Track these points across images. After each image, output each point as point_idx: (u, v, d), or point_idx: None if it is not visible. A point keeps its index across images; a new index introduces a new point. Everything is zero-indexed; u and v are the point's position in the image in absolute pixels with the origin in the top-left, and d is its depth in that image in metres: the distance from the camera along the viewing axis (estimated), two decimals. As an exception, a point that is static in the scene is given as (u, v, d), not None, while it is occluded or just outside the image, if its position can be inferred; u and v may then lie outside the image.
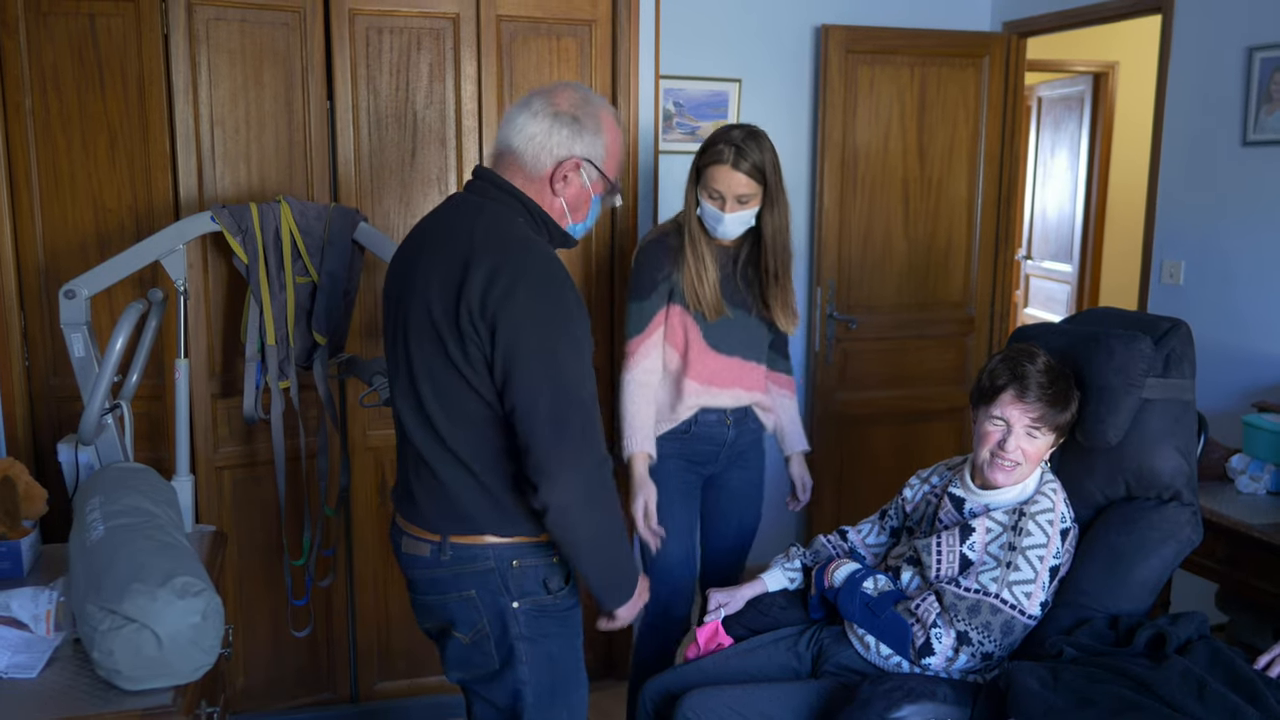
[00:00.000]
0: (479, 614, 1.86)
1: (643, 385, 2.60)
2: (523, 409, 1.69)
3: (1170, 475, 2.12)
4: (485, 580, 1.84)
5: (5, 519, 2.13)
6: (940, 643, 2.01)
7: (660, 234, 2.64)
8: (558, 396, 1.69)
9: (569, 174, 1.84)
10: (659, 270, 2.58)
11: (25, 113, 2.69)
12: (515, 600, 1.84)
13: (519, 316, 1.68)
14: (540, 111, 1.83)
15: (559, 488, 1.69)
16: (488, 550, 1.83)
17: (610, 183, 1.90)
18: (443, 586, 1.87)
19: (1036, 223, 6.95)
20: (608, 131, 1.87)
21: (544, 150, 1.82)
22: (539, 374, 1.69)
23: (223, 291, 2.84)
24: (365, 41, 2.87)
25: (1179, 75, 3.60)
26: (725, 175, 2.45)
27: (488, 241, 1.74)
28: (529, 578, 1.85)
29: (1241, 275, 3.41)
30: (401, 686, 3.19)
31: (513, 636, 1.86)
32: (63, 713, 1.62)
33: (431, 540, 1.86)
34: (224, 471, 2.88)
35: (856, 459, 4.29)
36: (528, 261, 1.73)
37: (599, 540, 1.79)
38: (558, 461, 1.69)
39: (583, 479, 1.71)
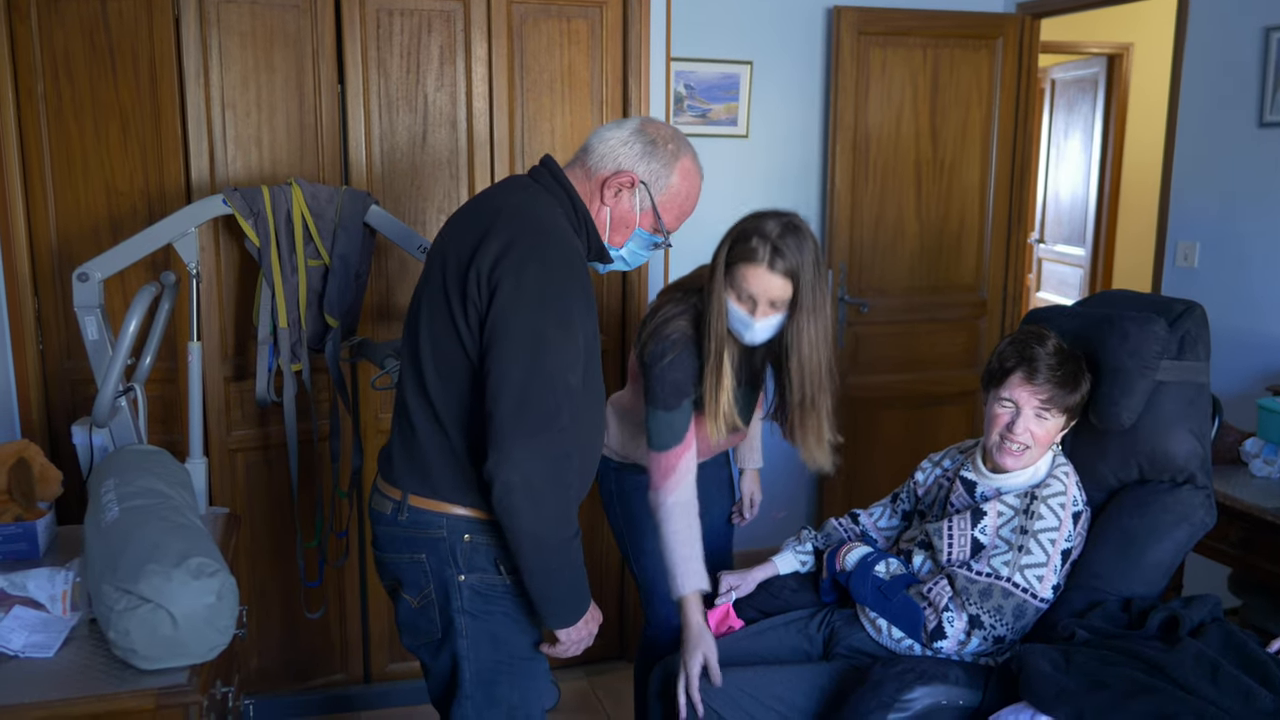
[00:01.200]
0: (426, 579, 1.84)
1: (686, 507, 2.22)
2: (495, 376, 1.67)
3: (1184, 458, 2.11)
4: (435, 547, 1.82)
5: (21, 500, 2.14)
6: (952, 626, 2.01)
7: (684, 337, 2.21)
8: (532, 373, 1.67)
9: (622, 188, 1.83)
10: (685, 388, 2.21)
11: (38, 97, 2.69)
12: (462, 573, 1.82)
13: (520, 289, 1.67)
14: (628, 124, 1.86)
15: (507, 463, 1.65)
16: (442, 519, 1.82)
17: (659, 224, 1.87)
18: (397, 546, 1.86)
19: (1049, 206, 6.91)
20: (680, 175, 1.85)
21: (610, 154, 1.83)
22: (520, 346, 1.67)
23: (235, 274, 2.85)
24: (376, 24, 2.86)
25: (1195, 56, 3.56)
26: (759, 277, 2.08)
27: (515, 217, 1.74)
28: (480, 554, 1.82)
29: (1257, 258, 3.39)
30: (414, 667, 3.21)
31: (454, 609, 1.83)
32: (79, 692, 1.63)
33: (393, 498, 1.86)
34: (237, 454, 2.89)
35: (868, 442, 4.29)
36: (545, 243, 1.72)
37: (541, 538, 1.72)
38: (512, 435, 1.65)
39: (534, 461, 1.67)
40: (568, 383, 1.71)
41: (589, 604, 1.87)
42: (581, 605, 1.84)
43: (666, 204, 1.86)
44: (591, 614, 1.88)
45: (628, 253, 1.91)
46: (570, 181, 1.84)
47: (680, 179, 1.85)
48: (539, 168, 1.87)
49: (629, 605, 3.37)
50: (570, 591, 1.82)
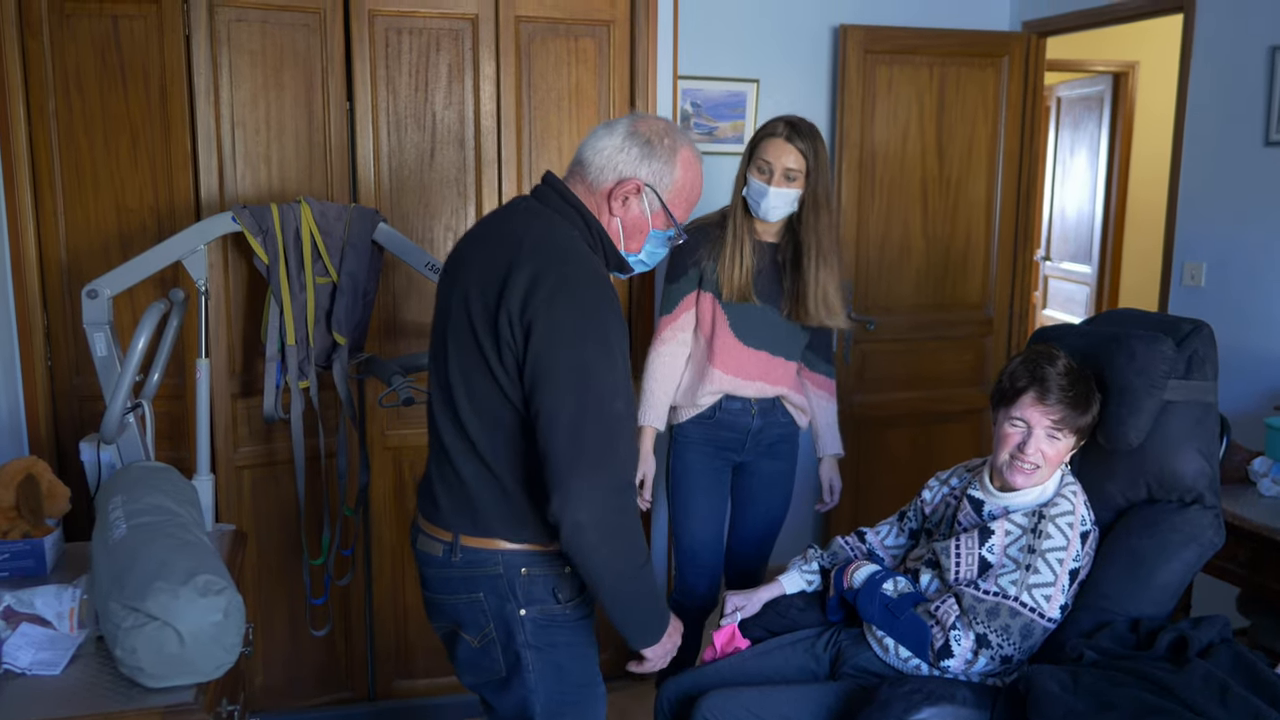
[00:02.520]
0: (486, 618, 1.82)
1: (665, 363, 2.69)
2: (545, 416, 1.65)
3: (1192, 478, 2.10)
4: (494, 585, 1.80)
5: (29, 517, 2.14)
6: (959, 645, 2.01)
7: (701, 222, 2.70)
8: (582, 408, 1.64)
9: (629, 196, 1.80)
10: (692, 254, 2.64)
11: (49, 114, 2.71)
12: (522, 607, 1.80)
13: (554, 325, 1.64)
14: (618, 128, 1.82)
15: (573, 501, 1.62)
16: (497, 555, 1.79)
17: (672, 220, 1.85)
18: (453, 587, 1.84)
19: (1055, 223, 6.91)
20: (682, 167, 1.82)
21: (609, 165, 1.79)
22: (566, 383, 1.64)
23: (243, 291, 2.86)
24: (385, 42, 2.88)
25: (1200, 75, 3.57)
26: (776, 147, 2.55)
27: (536, 248, 1.71)
28: (538, 585, 1.80)
29: (1264, 277, 3.39)
30: (420, 685, 3.20)
31: (519, 644, 1.81)
32: (86, 710, 1.63)
33: (444, 540, 1.83)
34: (244, 471, 2.90)
35: (874, 460, 4.28)
36: (570, 272, 1.69)
37: (619, 570, 1.71)
38: (573, 473, 1.63)
39: (599, 496, 1.64)
40: (616, 411, 1.68)
41: (669, 620, 1.87)
42: (662, 624, 1.85)
43: (674, 199, 1.84)
44: (673, 626, 1.88)
45: (646, 254, 1.90)
46: (577, 198, 1.82)
47: (683, 171, 1.83)
48: (543, 187, 1.85)
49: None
50: (650, 614, 1.82)
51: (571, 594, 1.83)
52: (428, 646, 3.19)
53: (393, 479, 3.07)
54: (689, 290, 2.67)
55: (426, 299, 3.04)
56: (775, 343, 2.67)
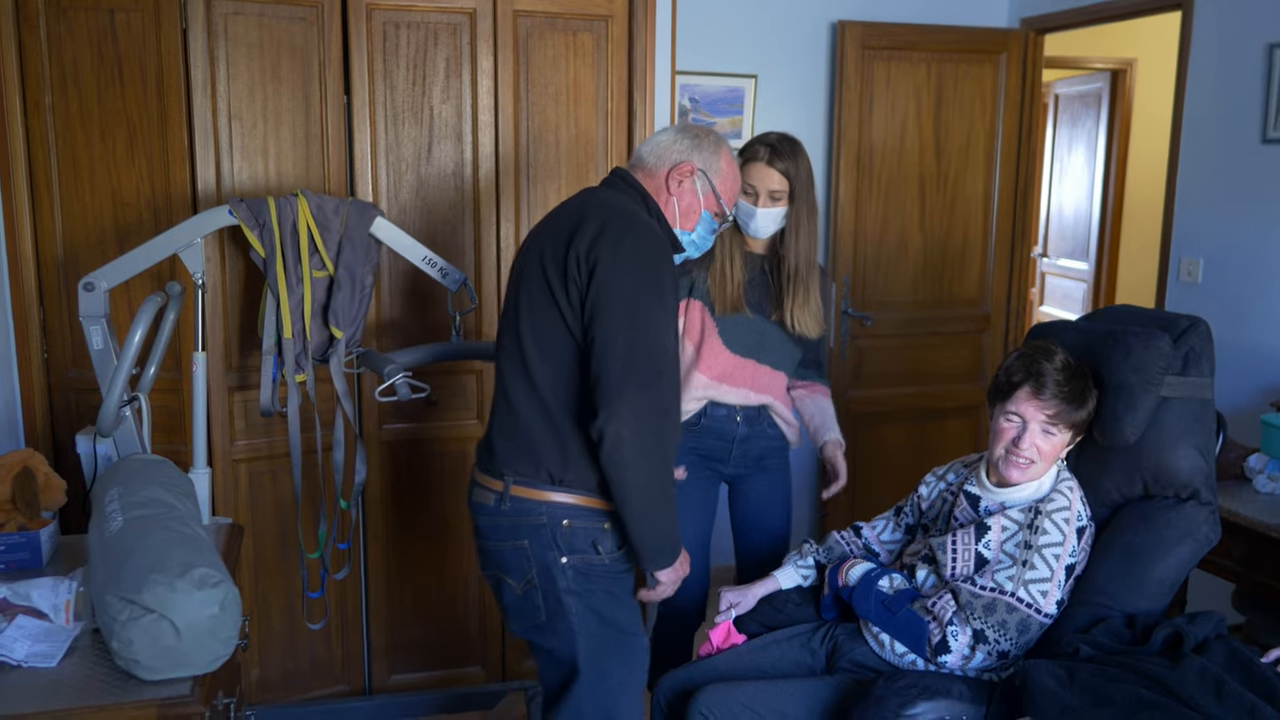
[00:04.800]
0: (529, 564, 1.97)
1: None
2: (600, 343, 1.83)
3: (1188, 474, 2.11)
4: (537, 533, 1.95)
5: (25, 510, 2.14)
6: (956, 640, 2.01)
7: None
8: (635, 336, 1.83)
9: (684, 178, 2.06)
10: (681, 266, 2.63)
11: (45, 108, 2.71)
12: (564, 555, 1.95)
13: (617, 265, 1.85)
14: (669, 130, 2.11)
15: (617, 418, 1.80)
16: (542, 506, 1.95)
17: (721, 205, 2.10)
18: (501, 534, 1.99)
19: (1053, 220, 6.91)
20: (724, 160, 2.10)
21: (665, 153, 2.07)
22: (622, 315, 1.83)
23: (240, 285, 2.85)
24: (382, 36, 2.87)
25: (1198, 72, 3.57)
26: (759, 171, 2.58)
27: (603, 208, 1.94)
28: (579, 537, 1.96)
29: (1261, 273, 3.39)
30: (416, 679, 3.21)
31: (560, 589, 1.96)
32: (82, 702, 1.63)
33: (495, 489, 1.99)
34: (240, 464, 2.89)
35: (871, 456, 4.28)
36: (635, 226, 1.91)
37: (647, 488, 1.88)
38: (620, 393, 1.80)
39: (641, 416, 1.82)
40: (664, 344, 1.88)
41: (680, 547, 2.03)
42: (677, 547, 2.01)
43: (722, 186, 2.09)
44: (683, 555, 2.04)
45: (697, 237, 2.12)
46: (642, 184, 2.06)
47: (726, 164, 2.10)
48: (611, 177, 2.09)
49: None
50: (670, 534, 1.97)
51: (611, 548, 1.99)
52: (424, 640, 3.19)
53: (389, 473, 3.07)
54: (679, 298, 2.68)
55: (423, 293, 3.03)
56: (763, 351, 2.67)
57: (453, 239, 3.03)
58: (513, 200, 3.04)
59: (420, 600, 3.17)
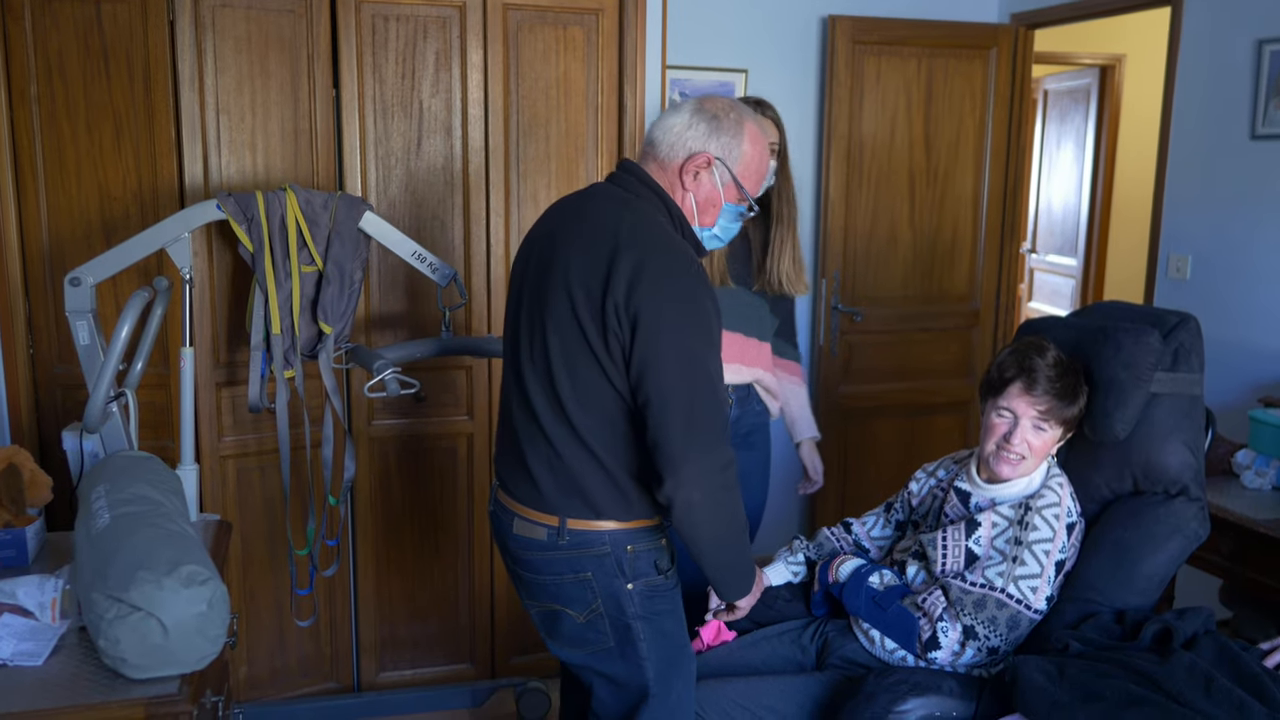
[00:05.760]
0: (594, 595, 1.89)
1: None
2: (657, 404, 1.72)
3: (1178, 470, 2.11)
4: (601, 564, 1.87)
5: (10, 506, 2.12)
6: (946, 637, 2.01)
7: None
8: (694, 395, 1.72)
9: (700, 170, 1.87)
10: None
11: (31, 99, 2.68)
12: (630, 582, 1.89)
13: (661, 313, 1.71)
14: (685, 107, 1.89)
15: (686, 484, 1.72)
16: (604, 535, 1.87)
17: (743, 193, 1.91)
18: (558, 568, 1.90)
19: (1041, 216, 6.93)
20: (748, 141, 1.88)
21: (679, 142, 1.86)
22: (676, 371, 1.72)
23: (228, 280, 2.84)
24: (371, 29, 2.86)
25: (1188, 68, 3.58)
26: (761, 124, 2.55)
27: (634, 239, 1.77)
28: (642, 560, 1.89)
29: (1249, 270, 3.40)
30: (404, 676, 3.20)
31: (629, 616, 1.90)
32: (68, 701, 1.61)
33: (549, 524, 1.88)
34: (228, 460, 2.88)
35: (861, 452, 4.29)
36: (671, 261, 1.76)
37: (722, 539, 1.83)
38: (686, 457, 1.71)
39: (709, 477, 1.74)
40: (719, 391, 1.77)
41: (756, 573, 2.05)
42: (753, 575, 2.01)
43: (744, 172, 1.90)
44: (759, 576, 2.08)
45: (720, 229, 1.95)
46: (654, 180, 1.88)
47: (750, 144, 1.89)
48: (623, 175, 1.91)
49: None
50: (745, 573, 1.97)
51: (668, 564, 1.95)
52: (412, 637, 3.19)
53: (378, 469, 3.06)
54: None
55: (412, 288, 3.02)
56: (748, 323, 2.69)
57: (442, 234, 3.02)
58: (502, 195, 3.03)
59: (409, 597, 3.16)
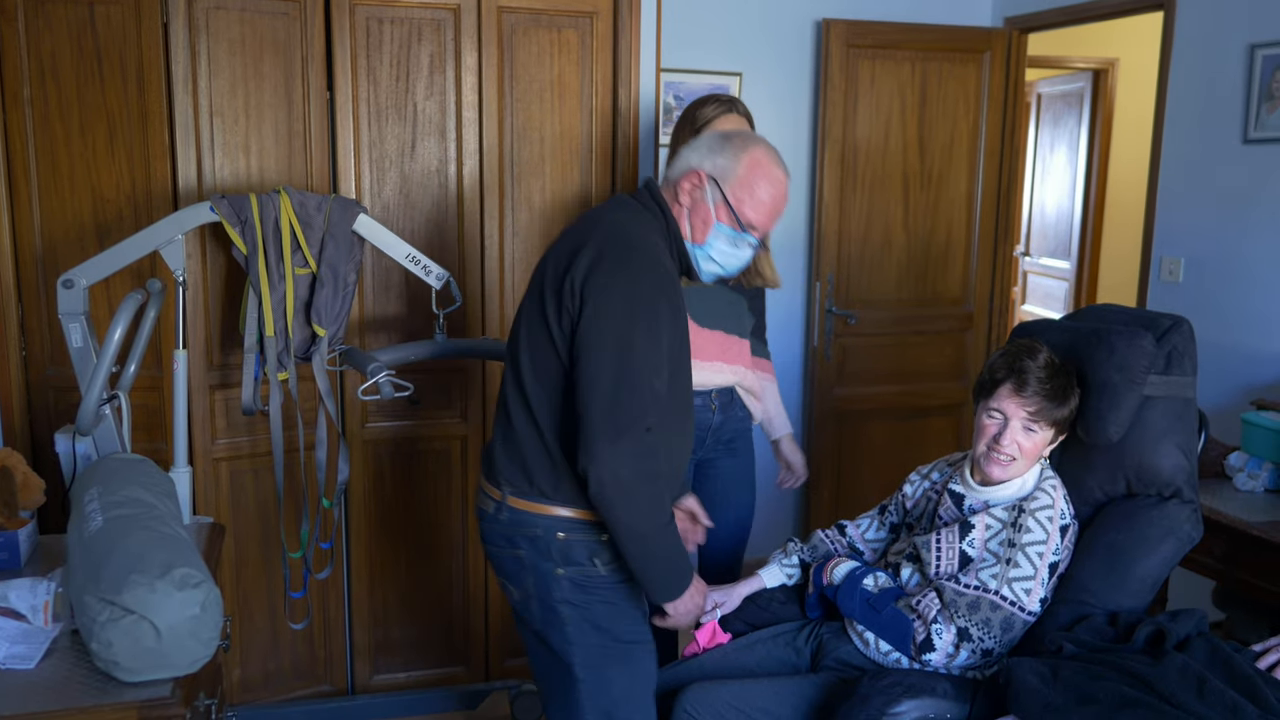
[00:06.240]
0: (526, 572, 1.96)
1: None
2: (585, 380, 1.79)
3: (1171, 472, 2.12)
4: (534, 544, 1.94)
5: (3, 509, 2.12)
6: (941, 639, 2.01)
7: None
8: (619, 379, 1.77)
9: (693, 187, 1.92)
10: None
11: (23, 102, 2.68)
12: (560, 567, 1.93)
13: (608, 299, 1.78)
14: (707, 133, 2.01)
15: (596, 461, 1.77)
16: (538, 519, 1.93)
17: (735, 217, 1.91)
18: (498, 541, 1.99)
19: (1035, 219, 6.95)
20: (748, 165, 1.90)
21: (682, 161, 1.95)
22: (608, 353, 1.78)
23: (221, 282, 2.83)
24: (366, 32, 2.86)
25: (1180, 72, 3.59)
26: (734, 121, 2.61)
27: (610, 233, 1.86)
28: (575, 549, 1.93)
29: (1241, 273, 3.41)
30: (398, 679, 3.19)
31: (556, 600, 1.94)
32: (61, 704, 1.61)
33: (494, 498, 1.98)
34: (222, 463, 2.87)
35: (855, 454, 4.29)
36: (632, 256, 1.83)
37: (634, 527, 1.84)
38: (600, 436, 1.77)
39: (622, 460, 1.77)
40: (653, 387, 1.81)
41: (690, 580, 1.98)
42: (683, 582, 1.96)
43: (740, 196, 1.90)
44: (695, 586, 2.00)
45: (716, 252, 1.96)
46: (663, 197, 1.95)
47: (748, 169, 1.90)
48: (640, 190, 1.99)
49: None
50: (670, 570, 1.94)
51: (609, 559, 1.95)
52: (406, 640, 3.18)
53: (372, 472, 3.06)
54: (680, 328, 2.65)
55: (407, 291, 3.02)
56: (728, 320, 2.69)
57: (436, 236, 3.02)
58: (496, 197, 3.03)
59: (403, 599, 3.16)
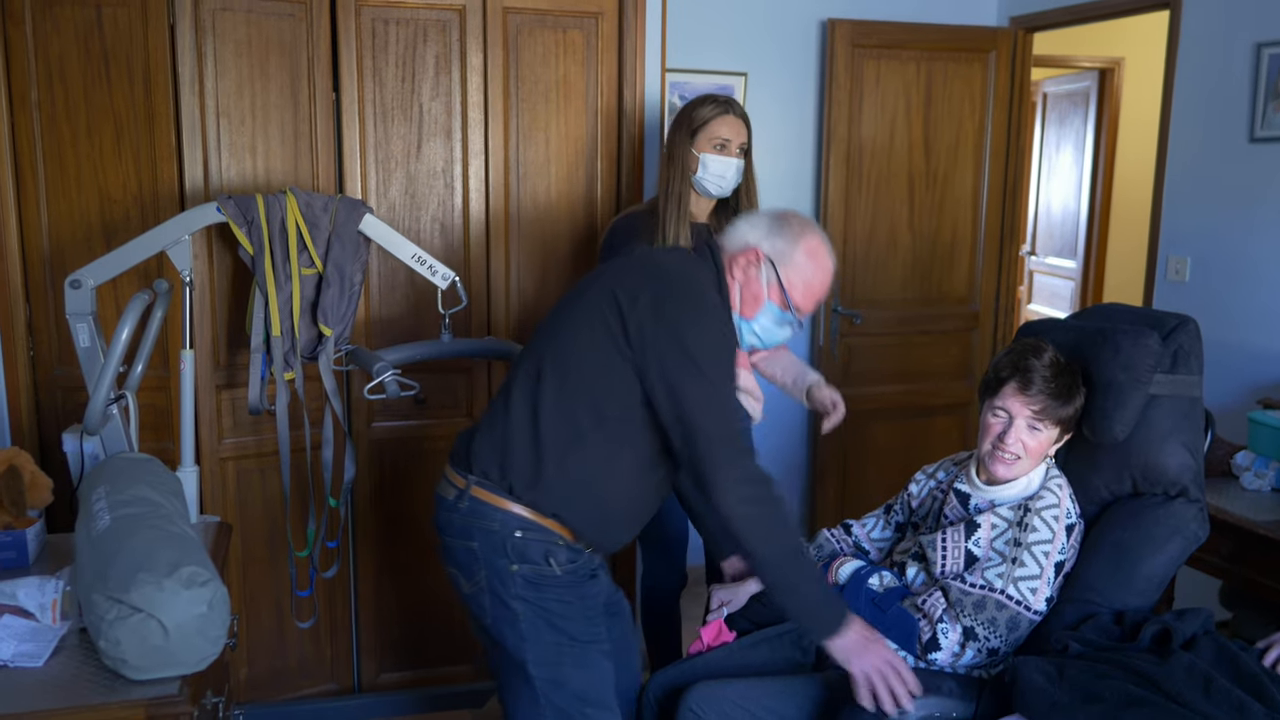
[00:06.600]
0: (479, 566, 1.94)
1: None
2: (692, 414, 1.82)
3: (1177, 471, 2.11)
4: (488, 538, 1.92)
5: (11, 508, 2.13)
6: (947, 638, 2.01)
7: (628, 213, 2.79)
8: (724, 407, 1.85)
9: (750, 264, 1.96)
10: (628, 242, 2.68)
11: (31, 104, 2.69)
12: (515, 564, 1.91)
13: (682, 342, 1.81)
14: (765, 211, 2.04)
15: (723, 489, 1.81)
16: (497, 514, 1.91)
17: (787, 299, 1.96)
18: (454, 531, 1.96)
19: (1041, 219, 6.94)
20: (804, 252, 1.96)
21: (739, 236, 1.99)
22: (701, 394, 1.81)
23: (228, 282, 2.84)
24: (371, 33, 2.86)
25: (1186, 71, 3.59)
26: (730, 124, 2.64)
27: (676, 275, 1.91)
28: (532, 548, 1.91)
29: (1247, 272, 3.41)
30: (405, 677, 3.20)
31: (509, 596, 1.92)
32: (69, 702, 1.62)
33: (457, 486, 1.96)
34: (228, 462, 2.88)
35: (861, 454, 4.29)
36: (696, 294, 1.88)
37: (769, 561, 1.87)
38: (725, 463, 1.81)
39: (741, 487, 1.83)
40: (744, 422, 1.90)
41: (845, 615, 1.93)
42: (837, 617, 1.92)
43: (793, 280, 1.95)
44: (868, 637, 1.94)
45: (760, 328, 2.00)
46: (721, 262, 1.98)
47: (805, 256, 1.96)
48: (702, 246, 2.02)
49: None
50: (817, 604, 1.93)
51: (565, 560, 1.94)
52: (413, 638, 3.18)
53: (377, 471, 3.06)
54: None
55: (412, 291, 3.02)
56: None
57: (441, 237, 3.02)
58: (502, 198, 3.04)
59: (409, 598, 3.17)
